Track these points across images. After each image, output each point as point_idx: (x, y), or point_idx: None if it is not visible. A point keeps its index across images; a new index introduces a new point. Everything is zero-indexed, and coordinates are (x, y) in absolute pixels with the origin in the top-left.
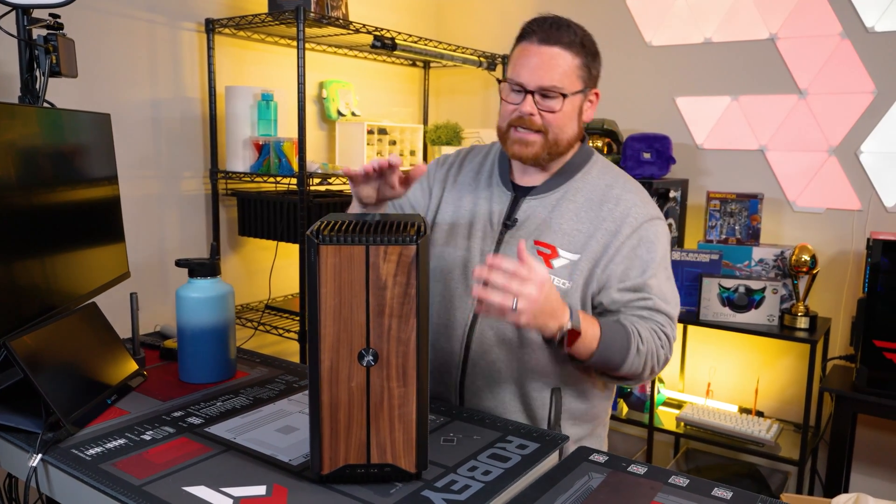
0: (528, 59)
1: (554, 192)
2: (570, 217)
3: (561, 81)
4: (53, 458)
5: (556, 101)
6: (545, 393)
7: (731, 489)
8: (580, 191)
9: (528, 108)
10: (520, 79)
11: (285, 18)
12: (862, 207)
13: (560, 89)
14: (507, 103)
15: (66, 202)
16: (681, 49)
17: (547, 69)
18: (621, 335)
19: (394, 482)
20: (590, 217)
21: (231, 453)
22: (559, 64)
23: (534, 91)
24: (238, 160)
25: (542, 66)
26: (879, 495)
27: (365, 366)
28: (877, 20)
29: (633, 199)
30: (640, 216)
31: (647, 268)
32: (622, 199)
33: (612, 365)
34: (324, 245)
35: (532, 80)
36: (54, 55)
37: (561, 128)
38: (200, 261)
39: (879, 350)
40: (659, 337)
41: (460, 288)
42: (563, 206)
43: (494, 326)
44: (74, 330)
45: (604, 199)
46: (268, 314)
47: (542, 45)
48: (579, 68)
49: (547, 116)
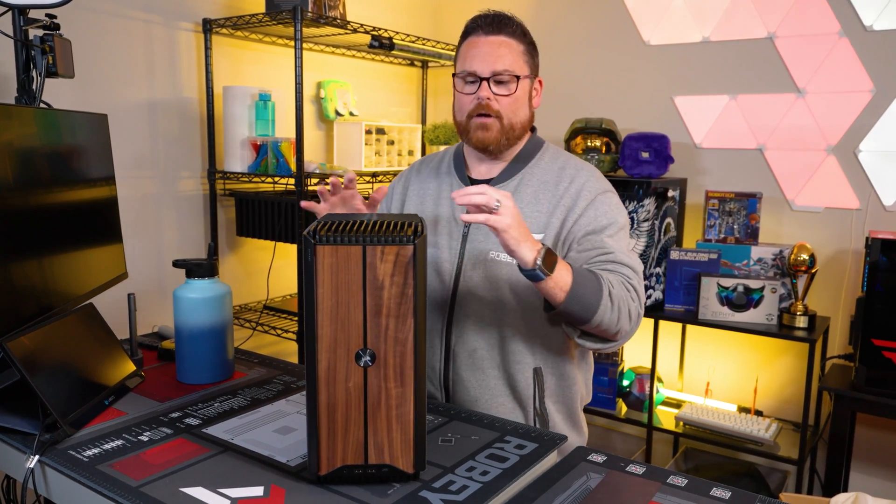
0: (477, 49)
1: (511, 181)
2: (529, 200)
3: (511, 65)
4: (50, 460)
5: (510, 84)
6: (528, 374)
7: (729, 489)
8: (535, 175)
9: (485, 93)
10: (472, 68)
11: (283, 18)
12: (860, 206)
13: (512, 72)
14: (463, 95)
15: (64, 203)
16: (679, 48)
17: (497, 55)
18: (592, 278)
19: (391, 483)
20: (547, 197)
21: (229, 454)
22: (507, 50)
23: (488, 77)
24: (236, 160)
25: (491, 53)
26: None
27: (362, 366)
28: (875, 19)
29: (586, 175)
30: (594, 189)
31: (605, 229)
32: (576, 177)
33: (589, 308)
34: (321, 245)
35: (485, 68)
36: (51, 56)
37: (514, 111)
38: (198, 261)
39: (878, 349)
40: (627, 289)
41: (434, 284)
42: (521, 191)
43: (474, 315)
44: (72, 331)
45: (558, 179)
46: (266, 314)
47: (489, 35)
48: (524, 54)
49: (502, 101)
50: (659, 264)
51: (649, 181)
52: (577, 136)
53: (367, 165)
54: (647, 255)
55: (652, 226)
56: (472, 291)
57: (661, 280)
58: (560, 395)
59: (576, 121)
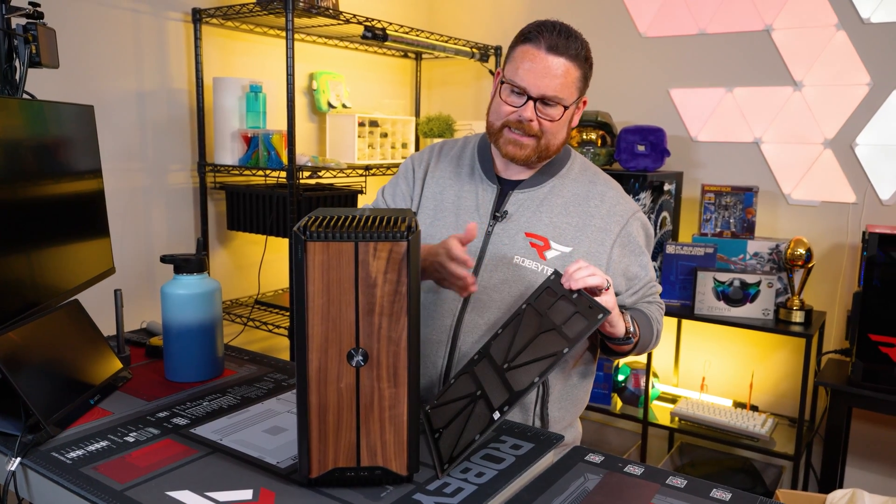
0: (533, 64)
1: (542, 187)
2: (559, 211)
3: (563, 93)
4: (33, 462)
5: (555, 109)
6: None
7: (729, 490)
8: (566, 186)
9: (529, 114)
10: (523, 83)
11: (274, 8)
12: (857, 200)
13: (562, 101)
14: (506, 104)
15: (48, 196)
16: (675, 40)
17: (552, 79)
18: (647, 325)
19: (384, 485)
20: (578, 212)
21: (217, 455)
22: (564, 76)
23: (535, 98)
24: (226, 153)
25: (547, 75)
26: (874, 490)
27: (354, 366)
28: (872, 11)
29: (615, 195)
30: (624, 213)
31: (642, 264)
32: (606, 195)
33: (644, 349)
34: (311, 241)
35: (536, 88)
36: (34, 45)
37: (555, 134)
38: (186, 256)
39: (875, 344)
40: (661, 315)
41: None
42: (551, 200)
43: (485, 315)
44: (56, 328)
45: (588, 194)
46: (257, 309)
47: (550, 53)
48: (579, 80)
49: (545, 124)
50: (654, 258)
51: (645, 175)
52: (573, 129)
53: (360, 158)
54: None
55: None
56: (488, 292)
57: (657, 274)
58: (564, 401)
59: None
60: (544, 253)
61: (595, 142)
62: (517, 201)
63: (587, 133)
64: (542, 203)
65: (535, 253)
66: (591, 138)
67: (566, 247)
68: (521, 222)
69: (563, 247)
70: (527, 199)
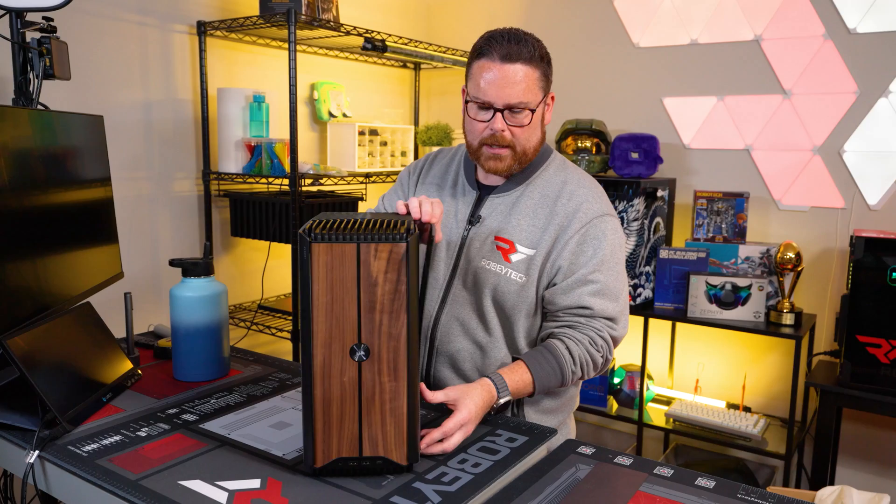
0: (492, 76)
1: (514, 191)
2: (528, 213)
3: (527, 97)
4: (50, 455)
5: (524, 115)
6: None
7: (713, 478)
8: (537, 188)
9: (499, 125)
10: (487, 97)
11: (276, 21)
12: (845, 206)
13: (528, 104)
14: (476, 121)
15: (60, 204)
16: (667, 50)
17: (513, 86)
18: (552, 366)
19: (385, 474)
20: (545, 213)
21: (225, 448)
22: (523, 81)
23: (502, 109)
24: (230, 161)
25: (507, 84)
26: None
27: (357, 361)
28: (858, 21)
29: (586, 194)
30: (590, 212)
31: (590, 262)
32: (575, 194)
33: (552, 387)
34: (316, 243)
35: (500, 99)
36: (48, 58)
37: (528, 138)
38: (194, 260)
39: (863, 345)
40: (592, 348)
41: (428, 280)
42: (521, 202)
43: (459, 318)
44: (69, 329)
45: (559, 194)
46: (260, 314)
47: (506, 62)
48: (540, 80)
49: (515, 131)
50: (648, 263)
51: (639, 181)
52: (568, 137)
53: (361, 166)
54: (636, 255)
55: (641, 225)
56: (462, 294)
57: (651, 279)
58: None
59: (566, 122)
60: (509, 256)
61: (590, 149)
62: (492, 206)
63: (582, 141)
64: (513, 206)
65: (500, 256)
66: (586, 146)
67: (530, 249)
68: (493, 226)
69: (527, 249)
70: (500, 204)
